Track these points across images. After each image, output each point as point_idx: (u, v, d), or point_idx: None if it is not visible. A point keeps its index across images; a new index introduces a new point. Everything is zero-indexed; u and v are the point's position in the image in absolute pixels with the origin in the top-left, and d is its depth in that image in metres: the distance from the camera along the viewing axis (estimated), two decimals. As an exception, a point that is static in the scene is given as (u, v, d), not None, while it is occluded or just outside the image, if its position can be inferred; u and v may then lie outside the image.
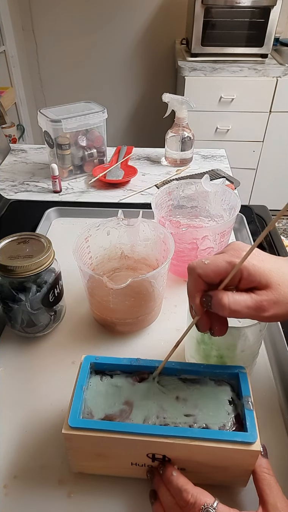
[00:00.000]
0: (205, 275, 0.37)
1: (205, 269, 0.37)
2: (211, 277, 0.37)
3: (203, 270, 0.37)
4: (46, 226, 0.85)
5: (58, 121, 0.97)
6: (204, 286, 0.38)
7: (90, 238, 0.61)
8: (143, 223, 0.62)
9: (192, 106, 1.04)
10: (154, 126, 2.48)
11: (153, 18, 2.23)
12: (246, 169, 2.14)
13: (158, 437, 0.37)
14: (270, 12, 1.80)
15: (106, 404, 0.41)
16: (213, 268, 0.37)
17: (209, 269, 0.37)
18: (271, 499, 0.37)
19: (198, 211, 0.74)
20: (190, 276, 0.39)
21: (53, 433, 0.47)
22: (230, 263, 0.37)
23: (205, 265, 0.37)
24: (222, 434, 0.38)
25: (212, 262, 0.37)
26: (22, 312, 0.55)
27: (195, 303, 0.38)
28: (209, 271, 0.37)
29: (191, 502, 0.36)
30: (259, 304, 0.36)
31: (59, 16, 2.23)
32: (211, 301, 0.37)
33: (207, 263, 0.37)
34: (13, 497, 0.42)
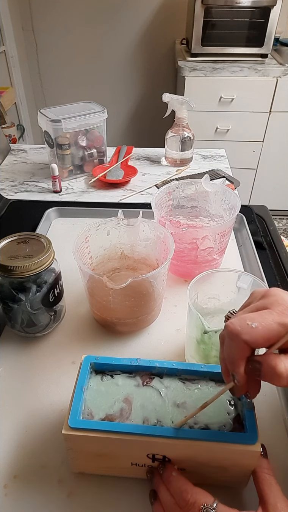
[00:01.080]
0: (253, 342, 0.32)
1: (254, 335, 0.32)
2: (259, 344, 0.32)
3: (250, 336, 0.32)
4: (46, 226, 0.85)
5: (58, 121, 0.97)
6: (249, 352, 0.33)
7: (90, 238, 0.61)
8: (143, 223, 0.62)
9: (192, 106, 1.04)
10: (154, 126, 2.48)
11: (153, 18, 2.23)
12: (246, 169, 2.14)
13: (158, 438, 0.37)
14: (270, 12, 1.80)
15: (106, 404, 0.41)
16: (264, 334, 0.32)
17: (259, 335, 0.32)
18: (271, 499, 0.37)
19: (198, 211, 0.74)
20: (233, 342, 0.33)
21: (53, 433, 0.47)
22: (283, 326, 0.32)
23: (253, 330, 0.32)
24: (222, 435, 0.38)
25: (262, 325, 0.32)
26: (22, 312, 0.55)
27: (239, 373, 0.33)
28: (258, 337, 0.32)
29: (191, 502, 0.36)
30: None
31: (59, 16, 2.23)
32: (261, 369, 0.32)
33: (255, 327, 0.32)
34: (13, 497, 0.42)
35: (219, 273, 0.54)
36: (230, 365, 0.34)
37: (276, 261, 0.75)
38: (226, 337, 0.34)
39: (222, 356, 0.36)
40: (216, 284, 0.54)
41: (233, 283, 0.53)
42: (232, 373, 0.34)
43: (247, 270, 0.73)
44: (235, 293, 0.54)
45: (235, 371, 0.34)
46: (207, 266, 0.68)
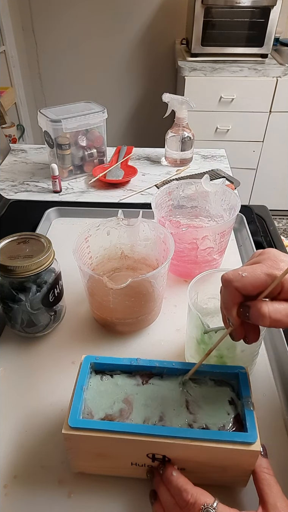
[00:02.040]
0: (243, 288, 0.36)
1: (243, 282, 0.36)
2: (249, 290, 0.36)
3: (240, 284, 0.36)
4: (46, 226, 0.85)
5: (58, 121, 0.97)
6: (241, 298, 0.37)
7: (90, 238, 0.61)
8: (143, 223, 0.62)
9: (192, 106, 1.04)
10: (154, 126, 2.48)
11: (153, 18, 2.23)
12: (246, 169, 2.14)
13: (158, 437, 0.37)
14: (270, 12, 1.80)
15: (106, 404, 0.41)
16: (252, 281, 0.36)
17: (248, 282, 0.36)
18: (271, 499, 0.37)
19: (198, 211, 0.74)
20: (226, 289, 0.38)
21: (53, 433, 0.47)
22: (270, 276, 0.36)
23: (243, 278, 0.36)
24: (222, 435, 0.38)
25: (251, 274, 0.36)
26: (22, 312, 0.55)
27: (232, 315, 0.38)
28: (247, 284, 0.36)
29: (191, 502, 0.36)
30: None
31: (59, 16, 2.23)
32: (250, 312, 0.36)
33: (244, 276, 0.36)
34: (13, 497, 0.42)
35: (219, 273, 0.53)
36: (225, 310, 0.39)
37: (276, 261, 0.75)
38: (222, 287, 0.39)
39: (220, 305, 0.40)
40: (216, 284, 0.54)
41: (233, 283, 0.53)
42: (228, 317, 0.39)
43: (247, 270, 0.73)
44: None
45: (229, 314, 0.38)
46: (207, 266, 0.68)
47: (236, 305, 0.37)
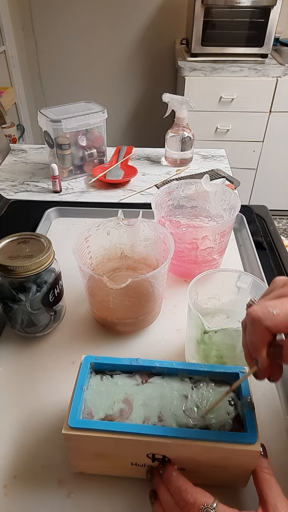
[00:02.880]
0: (274, 327, 0.33)
1: (275, 321, 0.33)
2: (281, 330, 0.33)
3: (272, 323, 0.33)
4: (46, 226, 0.85)
5: (58, 121, 0.97)
6: (271, 337, 0.34)
7: (90, 238, 0.61)
8: (143, 223, 0.62)
9: (192, 106, 1.04)
10: (154, 126, 2.48)
11: (153, 18, 2.23)
12: (246, 169, 2.14)
13: (158, 438, 0.37)
14: (270, 12, 1.80)
15: (106, 404, 0.41)
16: (284, 320, 0.33)
17: (279, 321, 0.33)
18: (271, 499, 0.37)
19: (198, 211, 0.74)
20: (254, 328, 0.34)
21: (53, 433, 0.47)
22: None
23: (274, 316, 0.33)
24: (222, 435, 0.38)
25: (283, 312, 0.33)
26: (22, 312, 0.55)
27: (261, 357, 0.35)
28: (279, 323, 0.33)
29: (191, 502, 0.36)
30: None
31: (59, 16, 2.23)
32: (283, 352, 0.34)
33: (276, 314, 0.33)
34: (13, 497, 0.42)
35: (219, 273, 0.54)
36: (252, 350, 0.36)
37: (276, 261, 0.75)
38: (248, 324, 0.35)
39: (245, 342, 0.37)
40: (216, 284, 0.54)
41: (233, 283, 0.53)
42: (255, 358, 0.36)
43: (247, 270, 0.73)
44: (235, 293, 0.54)
45: (258, 355, 0.35)
46: (207, 266, 0.68)
47: (266, 345, 0.34)
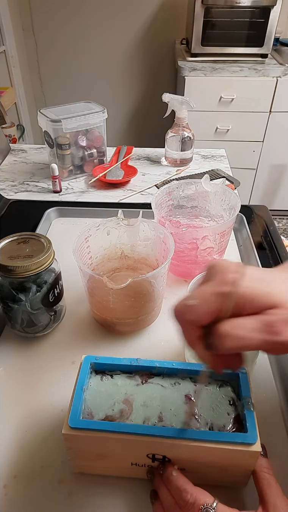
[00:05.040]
0: (197, 319, 0.31)
1: (195, 313, 0.31)
2: (205, 320, 0.31)
3: (193, 316, 0.31)
4: (46, 226, 0.85)
5: (58, 121, 0.97)
6: (200, 330, 0.31)
7: (90, 238, 0.61)
8: (143, 223, 0.62)
9: (192, 106, 1.04)
10: (154, 126, 2.48)
11: (153, 18, 2.23)
12: (246, 169, 2.14)
13: (158, 438, 0.37)
14: (270, 12, 1.80)
15: (107, 404, 0.41)
16: (205, 309, 0.30)
17: (200, 312, 0.30)
18: (271, 498, 0.37)
19: (198, 211, 0.74)
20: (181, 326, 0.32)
21: (53, 433, 0.47)
22: (221, 295, 0.30)
23: (193, 308, 0.31)
24: (222, 435, 0.37)
25: (201, 301, 0.31)
26: (22, 312, 0.55)
27: (199, 352, 0.32)
28: (200, 314, 0.31)
29: (191, 502, 0.36)
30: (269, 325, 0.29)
31: (59, 16, 2.23)
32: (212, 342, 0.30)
33: (195, 305, 0.31)
34: (13, 497, 0.42)
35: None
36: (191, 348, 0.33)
37: (276, 261, 0.75)
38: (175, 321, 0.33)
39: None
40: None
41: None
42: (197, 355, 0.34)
43: (247, 270, 0.73)
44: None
45: (195, 351, 0.33)
46: (207, 266, 0.68)
47: (198, 339, 0.32)
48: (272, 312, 0.29)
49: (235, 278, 0.30)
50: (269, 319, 0.29)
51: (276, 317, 0.29)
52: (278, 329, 0.29)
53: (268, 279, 0.32)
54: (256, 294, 0.30)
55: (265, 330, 0.29)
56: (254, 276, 0.31)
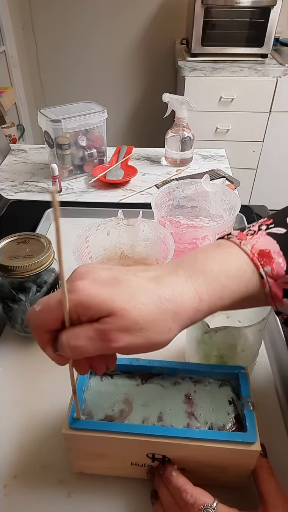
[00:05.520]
0: (41, 324, 0.31)
1: (40, 320, 0.31)
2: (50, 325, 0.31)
3: (38, 321, 0.31)
4: (46, 226, 0.85)
5: (58, 121, 0.97)
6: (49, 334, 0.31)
7: (90, 238, 0.61)
8: (143, 223, 0.62)
9: (192, 106, 1.04)
10: (154, 126, 2.48)
11: (153, 18, 2.23)
12: (246, 169, 2.14)
13: (158, 438, 0.37)
14: (270, 12, 1.80)
15: (106, 405, 0.41)
16: (47, 315, 0.30)
17: (43, 318, 0.31)
18: (271, 498, 0.37)
19: (198, 211, 0.74)
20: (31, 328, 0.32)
21: (53, 433, 0.47)
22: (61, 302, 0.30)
23: (38, 314, 0.31)
24: (221, 435, 0.37)
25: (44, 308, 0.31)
26: (22, 312, 0.55)
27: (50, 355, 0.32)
28: (44, 319, 0.31)
29: (191, 502, 0.36)
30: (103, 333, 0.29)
31: (59, 16, 2.23)
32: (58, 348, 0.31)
33: (38, 311, 0.31)
34: (13, 497, 0.42)
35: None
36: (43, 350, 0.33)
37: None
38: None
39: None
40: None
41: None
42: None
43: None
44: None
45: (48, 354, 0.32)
46: (207, 266, 0.68)
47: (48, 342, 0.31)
48: (106, 321, 0.29)
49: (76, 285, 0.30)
50: (103, 328, 0.29)
51: (110, 326, 0.29)
52: (113, 337, 0.29)
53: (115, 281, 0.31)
54: (92, 302, 0.30)
55: (100, 338, 0.29)
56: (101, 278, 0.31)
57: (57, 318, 0.30)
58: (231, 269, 0.34)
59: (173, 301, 0.31)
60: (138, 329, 0.30)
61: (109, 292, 0.30)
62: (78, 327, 0.30)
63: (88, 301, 0.30)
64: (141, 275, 0.32)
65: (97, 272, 0.32)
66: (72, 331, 0.30)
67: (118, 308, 0.29)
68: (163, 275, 0.33)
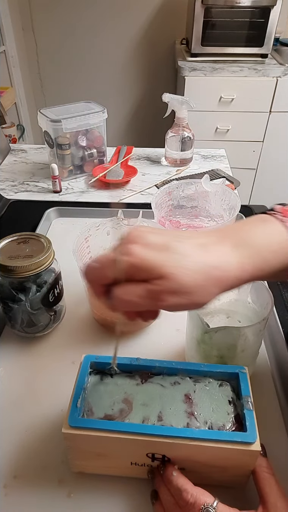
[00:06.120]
0: (98, 280, 0.35)
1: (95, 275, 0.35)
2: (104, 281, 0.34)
3: (93, 277, 0.35)
4: (46, 226, 0.85)
5: (58, 121, 0.97)
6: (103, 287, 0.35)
7: (90, 238, 0.61)
8: (143, 223, 0.62)
9: (192, 106, 1.04)
10: (154, 126, 2.48)
11: (153, 18, 2.23)
12: (246, 169, 2.13)
13: (158, 437, 0.37)
14: (270, 12, 1.80)
15: (106, 404, 0.41)
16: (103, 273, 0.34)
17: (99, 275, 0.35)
18: (271, 498, 0.37)
19: (198, 211, 0.74)
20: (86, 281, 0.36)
21: (53, 433, 0.47)
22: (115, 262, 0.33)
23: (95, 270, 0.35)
24: (221, 434, 0.38)
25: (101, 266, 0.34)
26: (22, 312, 0.55)
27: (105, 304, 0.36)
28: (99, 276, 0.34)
29: (191, 502, 0.36)
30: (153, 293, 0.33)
31: (59, 16, 2.23)
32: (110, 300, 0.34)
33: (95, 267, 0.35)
34: (13, 497, 0.42)
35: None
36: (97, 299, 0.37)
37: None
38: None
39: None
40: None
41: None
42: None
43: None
44: (235, 293, 0.54)
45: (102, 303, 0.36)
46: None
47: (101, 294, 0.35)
48: (157, 283, 0.33)
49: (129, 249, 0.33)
50: (154, 289, 0.33)
51: (160, 288, 0.33)
52: (162, 297, 0.33)
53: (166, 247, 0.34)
54: (145, 265, 0.33)
55: (150, 297, 0.33)
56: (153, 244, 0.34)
57: (110, 275, 0.34)
58: (273, 244, 0.37)
59: (218, 268, 0.34)
60: (184, 292, 0.33)
61: (160, 257, 0.33)
62: (130, 285, 0.33)
63: (141, 264, 0.33)
64: (189, 242, 0.35)
65: (148, 237, 0.34)
66: (124, 288, 0.33)
67: (168, 272, 0.32)
68: (210, 243, 0.35)
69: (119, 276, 0.33)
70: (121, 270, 0.33)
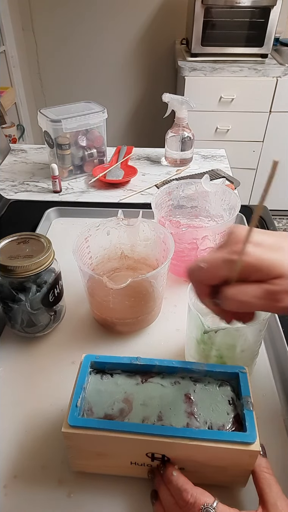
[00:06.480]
0: (205, 280, 0.35)
1: (203, 275, 0.35)
2: (211, 281, 0.34)
3: (201, 277, 0.35)
4: (46, 226, 0.85)
5: (58, 121, 0.97)
6: (208, 288, 0.35)
7: (90, 238, 0.61)
8: (143, 223, 0.62)
9: (192, 106, 1.04)
10: (154, 126, 2.48)
11: (153, 18, 2.23)
12: (246, 169, 2.13)
13: (157, 437, 0.37)
14: (270, 12, 1.80)
15: (106, 403, 0.41)
16: (213, 273, 0.34)
17: (208, 275, 0.34)
18: (271, 498, 0.37)
19: (198, 211, 0.74)
20: (192, 282, 0.36)
21: (53, 433, 0.47)
22: (229, 262, 0.33)
23: (201, 270, 0.34)
24: (221, 434, 0.38)
25: (210, 266, 0.34)
26: (22, 312, 0.55)
27: (207, 305, 0.36)
28: (208, 276, 0.34)
29: (191, 502, 0.36)
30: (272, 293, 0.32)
31: (59, 16, 2.23)
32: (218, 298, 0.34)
33: (203, 267, 0.34)
34: (13, 497, 0.42)
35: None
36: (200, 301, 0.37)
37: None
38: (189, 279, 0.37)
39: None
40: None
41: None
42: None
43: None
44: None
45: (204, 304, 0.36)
46: (207, 266, 0.68)
47: (207, 294, 0.36)
48: (276, 282, 0.32)
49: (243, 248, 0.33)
50: (272, 289, 0.32)
51: (280, 288, 0.32)
52: (280, 298, 0.32)
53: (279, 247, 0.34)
54: (263, 265, 0.32)
55: (267, 298, 0.32)
56: (265, 244, 0.34)
57: (220, 276, 0.34)
58: None
59: None
60: None
61: (277, 256, 0.33)
62: (246, 285, 0.33)
63: (259, 264, 0.32)
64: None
65: (256, 236, 0.33)
66: (240, 288, 0.33)
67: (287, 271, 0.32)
68: None
69: (233, 276, 0.33)
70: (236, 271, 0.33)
